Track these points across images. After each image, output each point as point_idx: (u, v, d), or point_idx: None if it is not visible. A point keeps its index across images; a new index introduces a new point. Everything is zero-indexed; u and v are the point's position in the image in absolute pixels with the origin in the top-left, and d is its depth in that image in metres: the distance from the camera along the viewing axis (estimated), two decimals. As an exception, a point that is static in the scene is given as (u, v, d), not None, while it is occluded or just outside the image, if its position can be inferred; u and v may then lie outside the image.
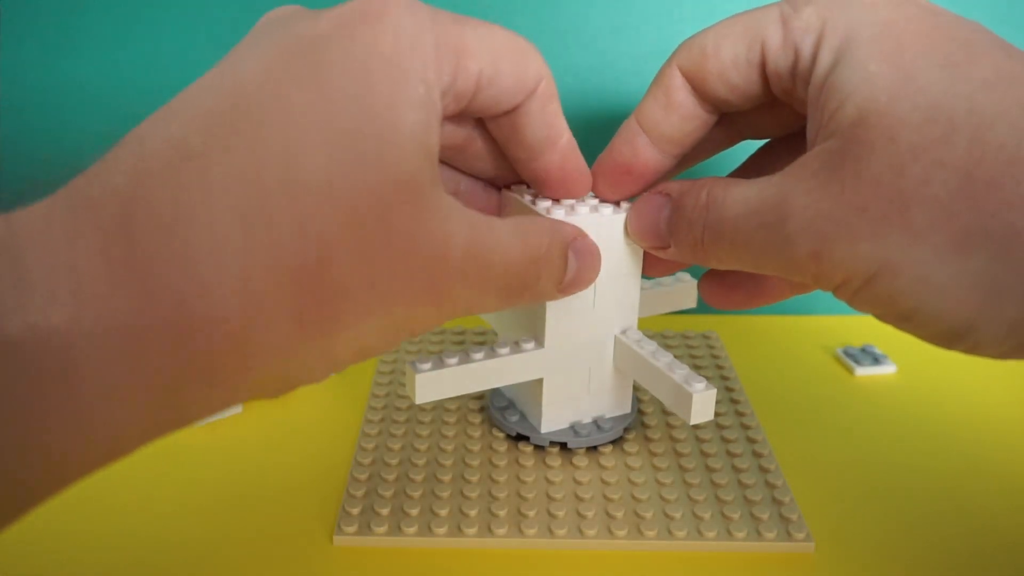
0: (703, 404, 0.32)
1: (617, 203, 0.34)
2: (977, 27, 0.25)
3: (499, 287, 0.25)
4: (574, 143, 0.29)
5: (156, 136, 0.20)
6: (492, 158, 0.30)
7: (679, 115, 0.29)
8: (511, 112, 0.27)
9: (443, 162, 0.30)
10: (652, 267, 0.34)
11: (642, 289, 0.38)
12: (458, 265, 0.23)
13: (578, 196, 0.31)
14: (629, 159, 0.30)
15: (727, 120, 0.31)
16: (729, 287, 0.33)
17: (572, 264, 0.28)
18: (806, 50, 0.26)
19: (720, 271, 0.33)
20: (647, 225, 0.31)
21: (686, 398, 0.32)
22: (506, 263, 0.25)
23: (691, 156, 0.32)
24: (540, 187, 0.31)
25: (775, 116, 0.31)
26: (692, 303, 0.41)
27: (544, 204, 0.33)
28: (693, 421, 0.32)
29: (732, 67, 0.28)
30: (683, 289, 0.41)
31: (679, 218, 0.29)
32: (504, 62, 0.25)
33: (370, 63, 0.21)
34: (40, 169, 0.50)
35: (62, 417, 0.18)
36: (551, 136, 0.28)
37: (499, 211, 0.33)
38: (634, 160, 0.30)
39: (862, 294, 0.24)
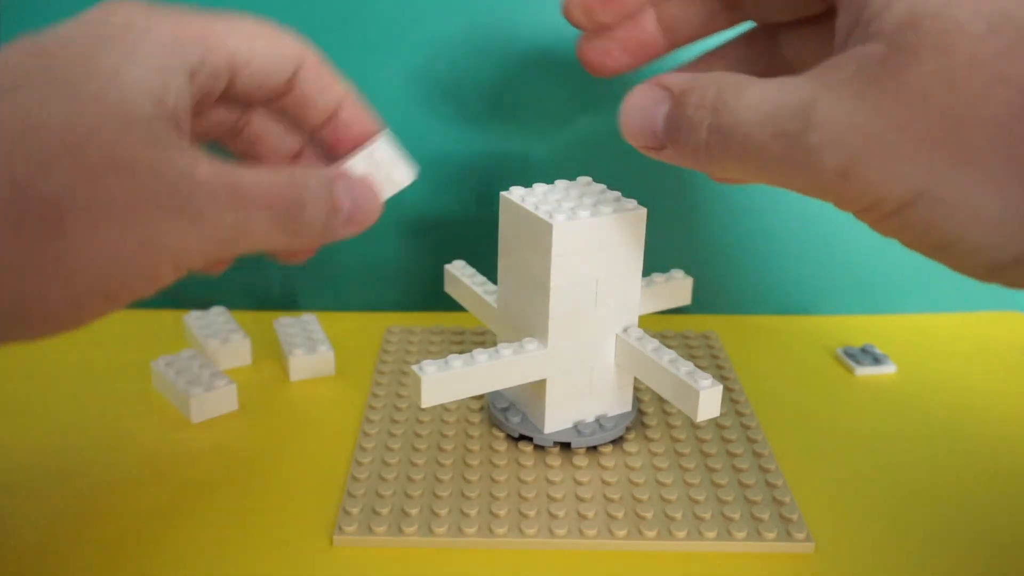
0: (709, 401, 0.32)
1: (618, 202, 0.34)
2: None
3: (261, 207, 0.25)
4: (357, 101, 0.31)
5: None
6: (267, 141, 0.32)
7: None
8: (289, 91, 0.29)
9: (228, 151, 0.32)
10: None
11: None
12: (205, 181, 0.24)
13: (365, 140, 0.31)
14: (633, 32, 0.29)
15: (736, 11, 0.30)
16: (611, 52, 0.31)
17: (346, 195, 0.28)
18: None
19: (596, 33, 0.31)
20: (640, 122, 0.27)
21: (693, 395, 0.32)
22: (260, 184, 0.25)
23: (685, 33, 0.30)
24: (336, 148, 0.31)
25: (795, 8, 0.28)
26: (687, 300, 0.41)
27: (545, 208, 0.34)
28: (700, 418, 0.32)
29: None
30: (679, 286, 0.41)
31: (680, 117, 0.25)
32: (258, 41, 0.27)
33: (98, 37, 0.24)
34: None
35: None
36: (337, 96, 0.30)
37: None
38: (638, 33, 0.29)
39: (893, 220, 0.22)
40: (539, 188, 0.36)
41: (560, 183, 0.36)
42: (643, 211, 0.34)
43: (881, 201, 0.22)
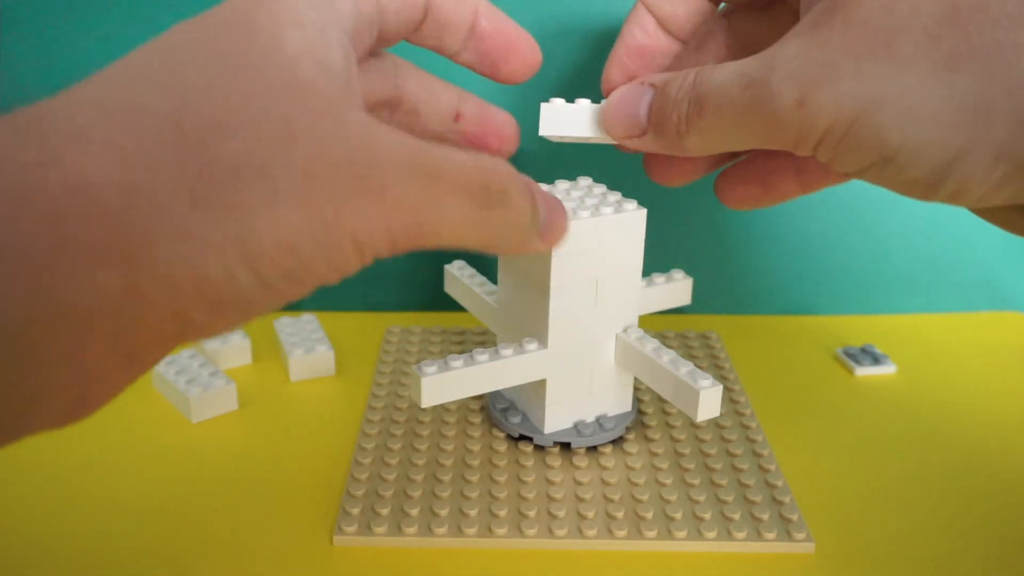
0: (709, 400, 0.32)
1: (618, 203, 0.34)
2: None
3: (457, 188, 0.22)
4: (492, 5, 0.29)
5: None
6: (429, 109, 0.30)
7: None
8: (426, 18, 0.27)
9: None
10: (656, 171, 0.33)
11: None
12: (391, 155, 0.21)
13: (530, 60, 0.30)
14: (641, 40, 0.31)
15: (732, 32, 0.32)
16: (743, 181, 0.33)
17: (540, 207, 0.26)
18: None
19: (735, 168, 0.33)
20: (625, 112, 0.30)
21: (692, 395, 0.32)
22: (451, 159, 0.22)
23: (686, 31, 0.33)
24: (488, 63, 0.30)
25: (779, 25, 0.31)
26: (687, 300, 0.41)
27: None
28: (700, 418, 0.32)
29: None
30: (679, 287, 0.41)
31: (664, 101, 0.28)
32: None
33: (252, 8, 0.22)
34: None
35: None
36: (469, 5, 0.28)
37: None
38: (645, 40, 0.31)
39: (847, 142, 0.24)
40: None
41: (560, 183, 0.36)
42: (643, 212, 0.34)
43: (834, 123, 0.24)
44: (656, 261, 0.41)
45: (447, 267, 0.43)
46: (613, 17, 0.47)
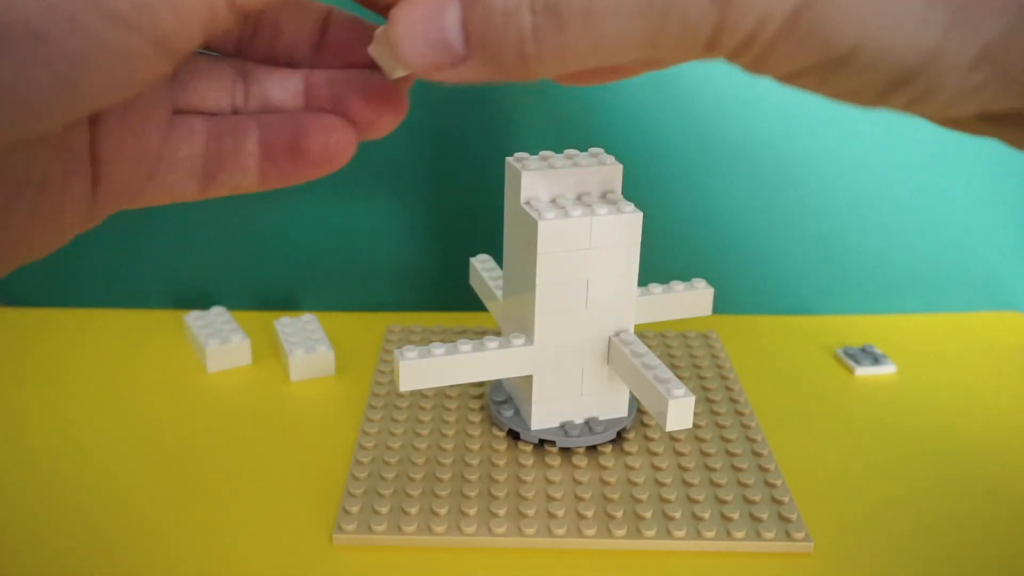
0: (680, 411, 0.31)
1: (614, 204, 0.34)
2: None
3: None
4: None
5: None
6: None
7: None
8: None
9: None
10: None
11: (654, 294, 0.38)
12: None
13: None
14: None
15: None
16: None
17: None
18: None
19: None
20: (424, 36, 0.20)
21: (663, 404, 0.31)
22: None
23: None
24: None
25: None
26: (707, 311, 0.40)
27: (540, 205, 0.34)
28: (669, 427, 0.31)
29: None
30: (699, 296, 0.40)
31: (486, 12, 0.19)
32: None
33: None
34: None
35: None
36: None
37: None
38: None
39: (781, 42, 0.18)
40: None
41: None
42: (639, 214, 0.34)
43: (766, 19, 0.18)
44: (656, 261, 0.41)
45: (472, 260, 0.43)
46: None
